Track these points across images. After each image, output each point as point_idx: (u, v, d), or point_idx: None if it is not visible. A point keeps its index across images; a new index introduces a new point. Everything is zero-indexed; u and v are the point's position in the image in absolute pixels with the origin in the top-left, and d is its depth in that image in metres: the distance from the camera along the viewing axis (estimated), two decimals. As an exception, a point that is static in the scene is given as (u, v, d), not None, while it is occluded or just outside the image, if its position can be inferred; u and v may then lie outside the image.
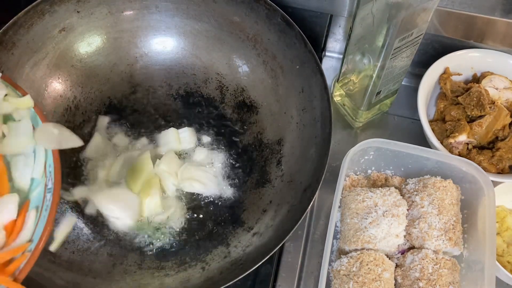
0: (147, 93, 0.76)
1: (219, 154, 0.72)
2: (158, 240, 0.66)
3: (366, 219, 0.62)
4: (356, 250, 0.62)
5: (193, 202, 0.69)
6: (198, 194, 0.69)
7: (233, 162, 0.72)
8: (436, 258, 0.60)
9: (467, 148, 0.70)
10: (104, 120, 0.73)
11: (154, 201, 0.66)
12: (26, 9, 0.66)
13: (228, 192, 0.70)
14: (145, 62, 0.77)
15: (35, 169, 0.49)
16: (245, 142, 0.73)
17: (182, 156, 0.72)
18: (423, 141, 0.72)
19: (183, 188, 0.69)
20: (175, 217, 0.67)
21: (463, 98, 0.71)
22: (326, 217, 0.71)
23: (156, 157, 0.70)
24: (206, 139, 0.73)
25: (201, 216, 0.68)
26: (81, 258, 0.63)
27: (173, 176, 0.69)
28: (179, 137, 0.72)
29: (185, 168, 0.69)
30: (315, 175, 0.62)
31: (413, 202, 0.64)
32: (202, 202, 0.69)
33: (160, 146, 0.72)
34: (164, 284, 0.62)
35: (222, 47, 0.75)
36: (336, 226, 0.67)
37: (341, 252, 0.65)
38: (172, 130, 0.72)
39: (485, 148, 0.71)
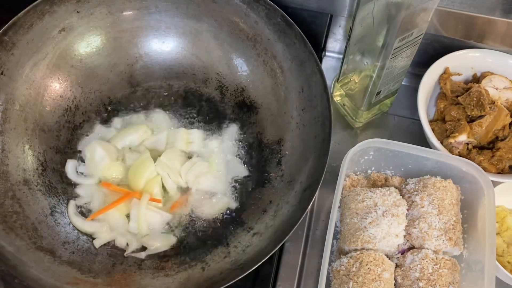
0: (147, 93, 0.76)
1: (219, 154, 0.72)
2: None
3: (366, 219, 0.62)
4: (355, 250, 0.62)
5: (194, 201, 0.69)
6: (199, 193, 0.69)
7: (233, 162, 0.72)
8: (436, 258, 0.60)
9: (467, 148, 0.70)
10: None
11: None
12: (26, 9, 0.66)
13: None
14: (145, 62, 0.77)
15: None
16: (245, 142, 0.73)
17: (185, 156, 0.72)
18: (423, 141, 0.72)
19: (188, 185, 0.69)
20: (176, 217, 0.67)
21: (463, 98, 0.71)
22: (326, 217, 0.71)
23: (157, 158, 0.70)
24: (207, 139, 0.73)
25: (201, 215, 0.68)
26: (81, 258, 0.63)
27: (174, 173, 0.69)
28: (187, 138, 0.71)
29: (190, 165, 0.69)
30: (315, 175, 0.62)
31: (413, 202, 0.64)
32: (202, 201, 0.69)
33: (164, 145, 0.71)
34: (164, 284, 0.62)
35: (222, 47, 0.75)
36: (336, 226, 0.67)
37: (341, 252, 0.65)
38: (181, 130, 0.72)
39: (485, 148, 0.71)
